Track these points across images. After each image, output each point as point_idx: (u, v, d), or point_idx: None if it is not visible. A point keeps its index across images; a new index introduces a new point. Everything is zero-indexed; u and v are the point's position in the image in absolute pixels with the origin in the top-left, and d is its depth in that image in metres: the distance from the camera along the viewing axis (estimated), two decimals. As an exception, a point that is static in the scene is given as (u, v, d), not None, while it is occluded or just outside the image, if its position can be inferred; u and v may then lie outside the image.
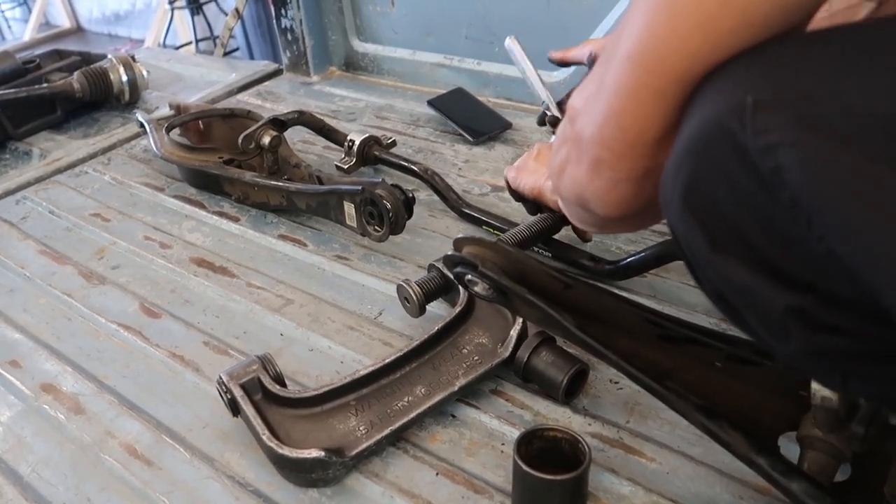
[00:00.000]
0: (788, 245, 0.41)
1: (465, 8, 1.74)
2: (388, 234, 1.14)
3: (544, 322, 0.81)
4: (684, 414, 0.70)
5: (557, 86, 1.66)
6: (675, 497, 0.78)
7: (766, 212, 0.41)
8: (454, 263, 0.84)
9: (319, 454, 0.78)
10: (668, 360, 0.76)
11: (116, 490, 0.84)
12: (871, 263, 0.37)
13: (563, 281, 0.80)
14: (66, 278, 1.22)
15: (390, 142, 1.44)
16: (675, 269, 1.10)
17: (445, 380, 0.89)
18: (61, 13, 5.82)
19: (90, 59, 1.91)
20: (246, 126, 1.40)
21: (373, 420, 0.85)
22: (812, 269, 0.40)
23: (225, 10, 4.12)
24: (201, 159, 1.42)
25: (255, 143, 1.35)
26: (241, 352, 1.02)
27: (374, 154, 1.41)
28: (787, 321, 0.42)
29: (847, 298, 0.39)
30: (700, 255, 0.46)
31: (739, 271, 0.44)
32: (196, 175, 1.43)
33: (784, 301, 0.42)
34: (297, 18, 1.90)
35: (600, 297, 0.81)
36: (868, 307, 0.38)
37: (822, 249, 0.39)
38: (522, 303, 0.80)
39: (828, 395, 0.65)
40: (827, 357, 0.43)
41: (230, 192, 1.38)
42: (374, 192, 1.12)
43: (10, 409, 0.97)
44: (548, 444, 0.75)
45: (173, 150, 1.44)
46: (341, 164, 1.41)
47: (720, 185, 0.43)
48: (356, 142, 1.40)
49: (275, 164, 1.38)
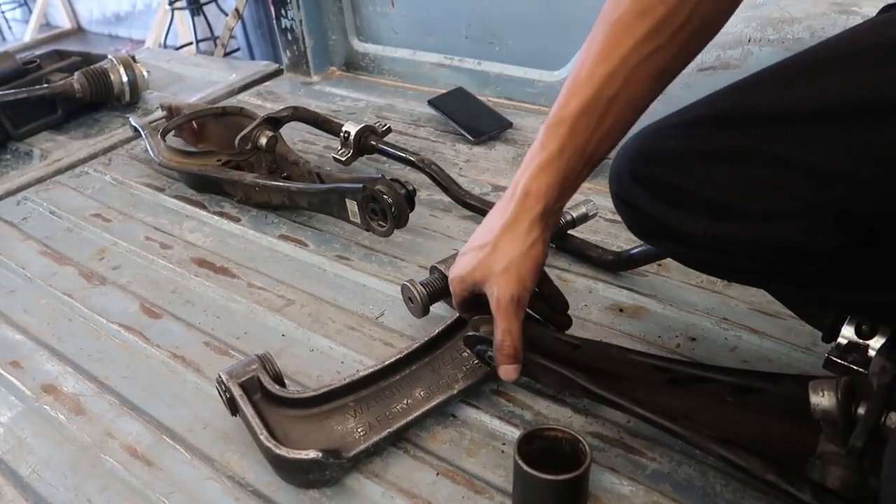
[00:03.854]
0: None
1: (465, 8, 1.74)
2: (392, 229, 1.14)
3: (562, 385, 0.85)
4: (702, 448, 0.72)
5: (557, 85, 1.66)
6: (675, 496, 0.78)
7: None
8: (474, 342, 0.86)
9: (316, 455, 0.78)
10: (681, 404, 0.79)
11: (117, 491, 0.84)
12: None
13: (571, 343, 0.86)
14: (66, 279, 1.22)
15: (385, 129, 1.43)
16: (676, 269, 1.10)
17: (445, 383, 0.89)
18: (62, 14, 5.82)
19: (90, 59, 1.91)
20: (240, 123, 1.39)
21: (371, 422, 0.85)
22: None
23: (225, 10, 4.11)
24: (200, 163, 1.41)
25: (251, 143, 1.35)
26: (241, 352, 1.02)
27: (371, 144, 1.41)
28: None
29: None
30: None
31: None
32: (196, 179, 1.43)
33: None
34: (297, 19, 1.90)
35: (607, 350, 0.86)
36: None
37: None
38: (540, 369, 0.84)
39: (826, 406, 0.65)
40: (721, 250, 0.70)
41: (232, 193, 1.39)
42: (375, 190, 1.12)
43: (10, 410, 0.97)
44: (548, 444, 0.75)
45: (171, 156, 1.44)
46: (339, 157, 1.41)
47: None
48: (352, 132, 1.40)
49: (273, 163, 1.38)
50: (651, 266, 1.10)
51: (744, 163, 0.66)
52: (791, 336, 0.96)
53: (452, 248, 1.18)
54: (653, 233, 0.77)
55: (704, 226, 0.69)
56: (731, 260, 0.70)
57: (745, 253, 0.68)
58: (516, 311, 0.79)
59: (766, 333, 0.97)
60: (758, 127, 0.66)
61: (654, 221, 0.74)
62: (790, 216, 0.63)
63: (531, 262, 0.78)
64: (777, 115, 0.65)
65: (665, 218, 0.72)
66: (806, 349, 0.94)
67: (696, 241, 0.70)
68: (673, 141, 0.72)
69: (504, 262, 0.78)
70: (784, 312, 1.00)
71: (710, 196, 0.68)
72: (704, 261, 0.77)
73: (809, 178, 0.62)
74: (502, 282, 0.78)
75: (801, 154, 0.62)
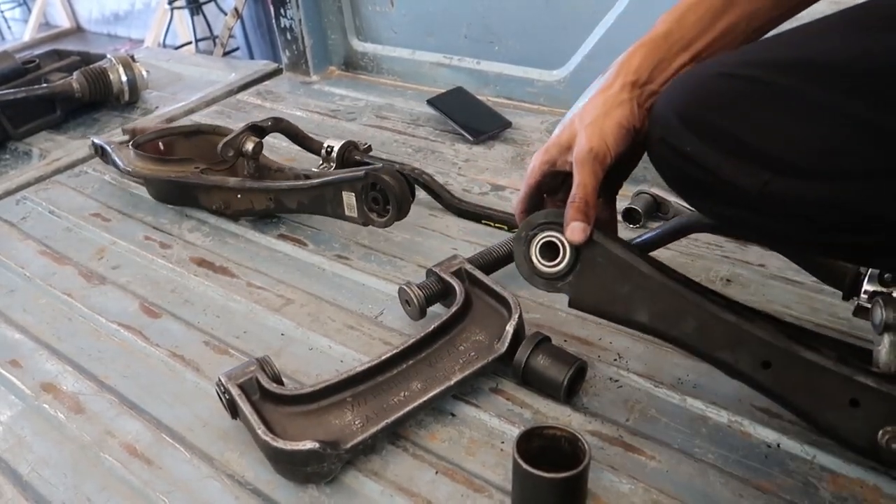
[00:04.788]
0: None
1: (464, 8, 1.74)
2: (393, 220, 1.12)
3: (614, 282, 0.78)
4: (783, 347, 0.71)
5: (557, 85, 1.66)
6: (674, 495, 0.78)
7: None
8: (541, 220, 0.80)
9: (314, 446, 0.78)
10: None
11: (116, 489, 0.84)
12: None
13: (639, 254, 0.80)
14: (66, 278, 1.22)
15: (366, 147, 1.42)
16: (676, 269, 1.10)
17: (441, 375, 0.89)
18: (61, 13, 5.82)
19: (90, 59, 1.92)
20: (213, 142, 1.31)
21: (369, 415, 0.85)
22: None
23: (224, 10, 4.11)
24: (176, 170, 1.33)
25: (234, 150, 1.28)
26: (241, 351, 1.02)
27: (355, 158, 1.39)
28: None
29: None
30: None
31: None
32: (169, 187, 1.35)
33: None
34: (296, 18, 1.90)
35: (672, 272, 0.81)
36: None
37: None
38: (603, 258, 0.77)
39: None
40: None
41: (207, 204, 1.32)
42: (378, 176, 1.09)
43: (10, 409, 0.97)
44: (547, 443, 0.75)
45: (143, 164, 1.34)
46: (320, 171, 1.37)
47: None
48: (335, 147, 1.38)
49: (256, 172, 1.31)
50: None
51: (814, 115, 0.60)
52: (790, 335, 0.97)
53: (451, 248, 1.19)
54: (697, 185, 0.70)
55: (764, 180, 0.62)
56: (784, 224, 0.65)
57: (807, 215, 0.62)
58: (593, 166, 0.74)
59: (764, 332, 0.97)
60: (834, 78, 0.60)
61: (701, 171, 0.67)
62: (867, 178, 0.58)
63: (614, 120, 0.74)
64: (858, 68, 0.59)
65: (717, 168, 0.65)
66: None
67: (750, 197, 0.64)
68: (731, 82, 0.65)
69: (589, 118, 0.75)
70: (783, 311, 1.00)
71: (773, 148, 0.62)
72: (752, 222, 0.69)
73: (889, 140, 0.57)
74: (584, 135, 0.74)
75: (881, 116, 0.57)
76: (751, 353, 0.73)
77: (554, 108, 1.65)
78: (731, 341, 0.74)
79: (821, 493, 0.76)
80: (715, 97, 0.66)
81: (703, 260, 1.12)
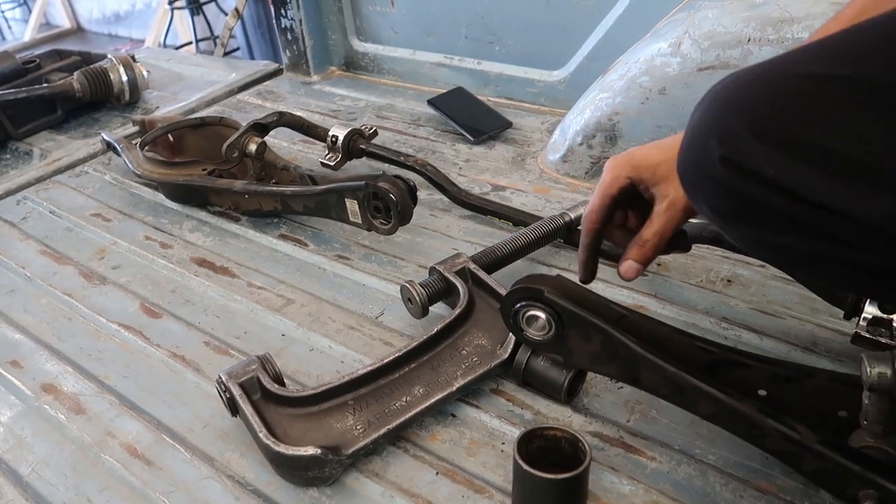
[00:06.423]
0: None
1: (465, 8, 1.74)
2: (396, 227, 1.12)
3: (603, 351, 0.80)
4: (747, 415, 0.71)
5: (557, 85, 1.66)
6: (674, 496, 0.78)
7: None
8: (518, 297, 0.83)
9: (315, 452, 0.78)
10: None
11: (117, 490, 0.84)
12: None
13: (619, 311, 0.83)
14: (66, 278, 1.22)
15: (371, 132, 1.41)
16: (676, 269, 1.10)
17: (444, 380, 0.89)
18: (61, 13, 5.82)
19: (90, 59, 1.91)
20: (221, 134, 1.33)
21: (370, 419, 0.85)
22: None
23: (225, 10, 4.12)
24: (184, 173, 1.36)
25: (239, 151, 1.30)
26: (241, 352, 1.02)
27: (360, 147, 1.39)
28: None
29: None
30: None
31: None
32: (180, 189, 1.37)
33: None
34: (296, 18, 1.90)
35: (653, 325, 0.84)
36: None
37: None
38: (584, 330, 0.80)
39: (882, 370, 0.67)
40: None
41: (218, 203, 1.34)
42: (378, 186, 1.10)
43: (10, 410, 0.97)
44: (548, 444, 0.75)
45: (153, 168, 1.38)
46: (327, 161, 1.38)
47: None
48: (340, 136, 1.37)
49: (262, 171, 1.33)
50: (650, 266, 1.10)
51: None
52: (790, 336, 0.96)
53: (452, 248, 1.19)
54: (768, 216, 0.53)
55: (889, 204, 0.47)
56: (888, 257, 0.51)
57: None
58: (680, 220, 0.72)
59: (765, 333, 0.97)
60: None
61: (786, 198, 0.51)
62: None
63: None
64: None
65: (816, 193, 0.50)
66: (805, 349, 0.94)
67: (859, 226, 0.49)
68: (818, 84, 0.51)
69: None
70: (783, 312, 1.00)
71: (888, 163, 0.48)
72: (831, 254, 0.53)
73: None
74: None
75: None
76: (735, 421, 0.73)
77: (554, 109, 1.65)
78: (714, 412, 0.75)
79: (821, 494, 0.76)
80: (801, 103, 0.52)
81: (704, 260, 1.12)
